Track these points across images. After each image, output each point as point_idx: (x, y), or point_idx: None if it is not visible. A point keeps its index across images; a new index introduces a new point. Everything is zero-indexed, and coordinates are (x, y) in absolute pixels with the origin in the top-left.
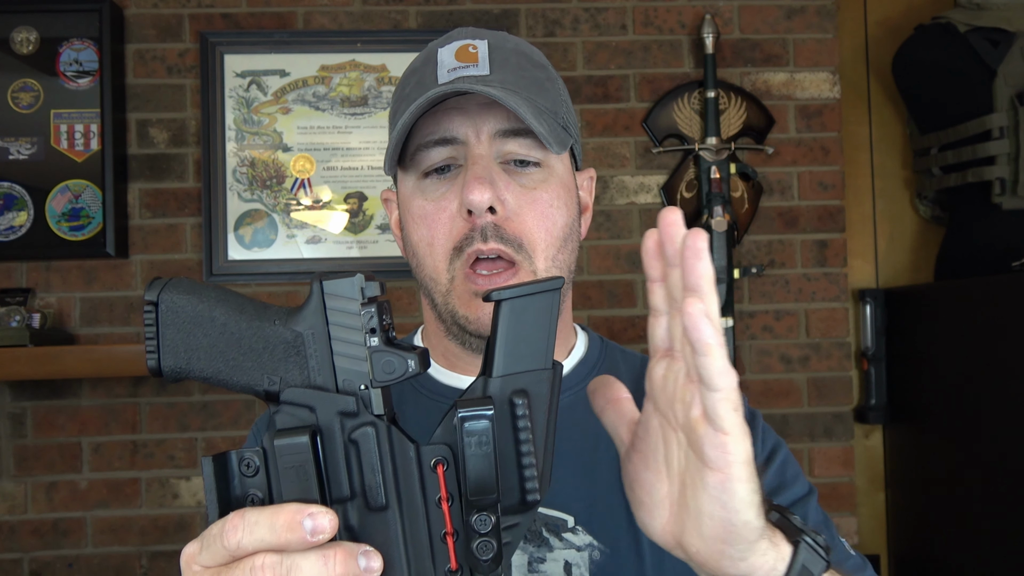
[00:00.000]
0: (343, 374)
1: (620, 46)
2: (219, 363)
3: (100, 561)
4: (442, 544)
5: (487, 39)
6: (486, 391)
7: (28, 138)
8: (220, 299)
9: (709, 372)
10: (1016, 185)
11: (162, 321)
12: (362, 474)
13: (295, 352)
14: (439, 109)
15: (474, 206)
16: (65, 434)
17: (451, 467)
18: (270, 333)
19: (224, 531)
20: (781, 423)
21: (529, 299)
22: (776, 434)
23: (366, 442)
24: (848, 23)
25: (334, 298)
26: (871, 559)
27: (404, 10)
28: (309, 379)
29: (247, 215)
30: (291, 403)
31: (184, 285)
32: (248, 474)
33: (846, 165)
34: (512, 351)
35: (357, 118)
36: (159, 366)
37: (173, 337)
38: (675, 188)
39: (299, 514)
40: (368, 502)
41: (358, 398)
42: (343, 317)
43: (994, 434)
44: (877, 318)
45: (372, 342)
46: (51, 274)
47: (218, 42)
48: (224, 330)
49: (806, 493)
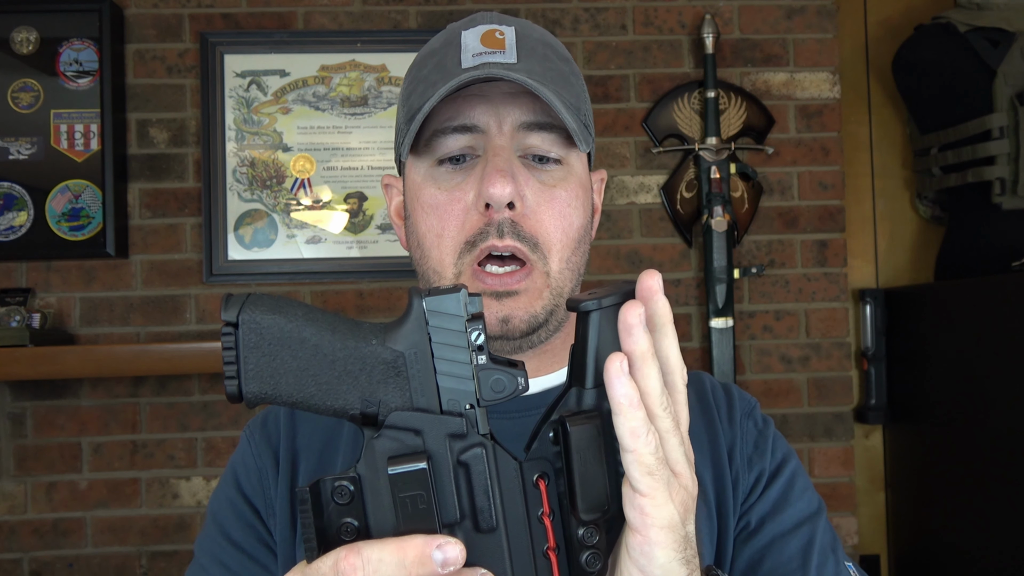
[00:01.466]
0: (447, 394)
1: (620, 46)
2: (311, 387)
3: (100, 561)
4: (544, 560)
5: (514, 26)
6: (581, 402)
7: (28, 138)
8: (308, 317)
9: (621, 431)
10: (1016, 185)
11: (244, 344)
12: (472, 496)
13: (395, 373)
14: (460, 95)
15: (494, 200)
16: (65, 434)
17: (551, 481)
18: (367, 353)
19: (340, 571)
20: (781, 423)
21: (615, 309)
22: (788, 444)
23: (478, 464)
24: (848, 23)
25: (438, 315)
26: (871, 559)
27: (404, 10)
28: (411, 401)
29: (247, 215)
30: (396, 427)
31: (266, 302)
32: (341, 502)
33: (846, 165)
34: (603, 361)
35: (357, 118)
36: (240, 392)
37: (257, 361)
38: (675, 188)
39: (428, 547)
40: (479, 524)
41: (465, 419)
42: (447, 335)
43: (994, 434)
44: (877, 318)
45: (480, 360)
46: (51, 274)
47: (218, 42)
48: (316, 352)
49: (813, 512)
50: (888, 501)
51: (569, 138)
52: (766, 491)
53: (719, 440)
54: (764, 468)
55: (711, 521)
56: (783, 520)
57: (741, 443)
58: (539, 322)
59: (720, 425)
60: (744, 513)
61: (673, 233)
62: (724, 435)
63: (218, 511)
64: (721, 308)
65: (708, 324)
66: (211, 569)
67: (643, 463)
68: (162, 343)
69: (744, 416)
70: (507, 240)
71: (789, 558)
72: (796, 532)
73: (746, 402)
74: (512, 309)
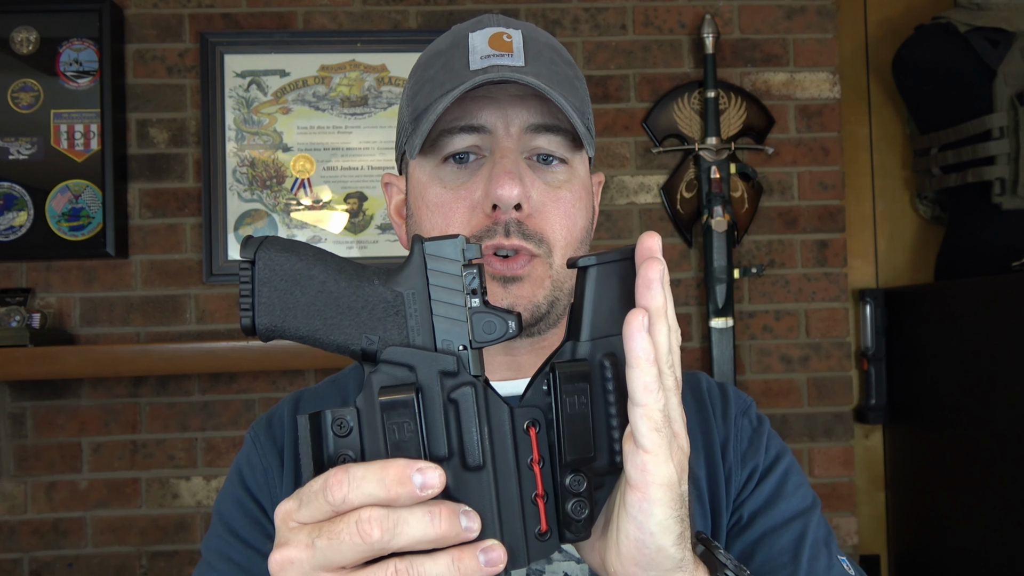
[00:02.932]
0: (442, 334)
1: (620, 46)
2: (316, 321)
3: (100, 561)
4: (533, 506)
5: (521, 29)
6: (575, 353)
7: (28, 138)
8: (318, 257)
9: (634, 385)
10: (1016, 185)
11: (259, 279)
12: (460, 433)
13: (394, 312)
14: (468, 96)
15: (502, 201)
16: (65, 434)
17: (542, 429)
18: (370, 292)
19: (328, 486)
20: (781, 423)
21: (613, 265)
22: (783, 443)
23: (465, 401)
24: (848, 23)
25: (436, 259)
26: (871, 559)
27: (404, 10)
28: (408, 339)
29: (247, 215)
30: (391, 362)
31: (281, 243)
32: (341, 434)
33: (846, 165)
34: (599, 315)
35: (357, 118)
36: (253, 324)
37: (270, 295)
38: (675, 188)
39: (409, 468)
40: (465, 461)
41: (457, 358)
42: (444, 278)
43: (994, 434)
44: (877, 318)
45: (473, 303)
46: (51, 274)
47: (218, 42)
48: (323, 288)
49: (807, 507)
50: (888, 501)
51: (574, 140)
52: (759, 487)
53: (713, 436)
54: (757, 464)
55: (705, 516)
56: (775, 515)
57: (735, 440)
58: (542, 312)
59: (715, 422)
60: (736, 508)
61: (673, 233)
62: (718, 432)
63: (224, 511)
64: (721, 308)
65: (708, 324)
66: (218, 566)
67: (652, 418)
68: (162, 343)
69: (739, 414)
70: (513, 239)
71: (780, 551)
72: (788, 526)
73: (742, 401)
74: (517, 297)
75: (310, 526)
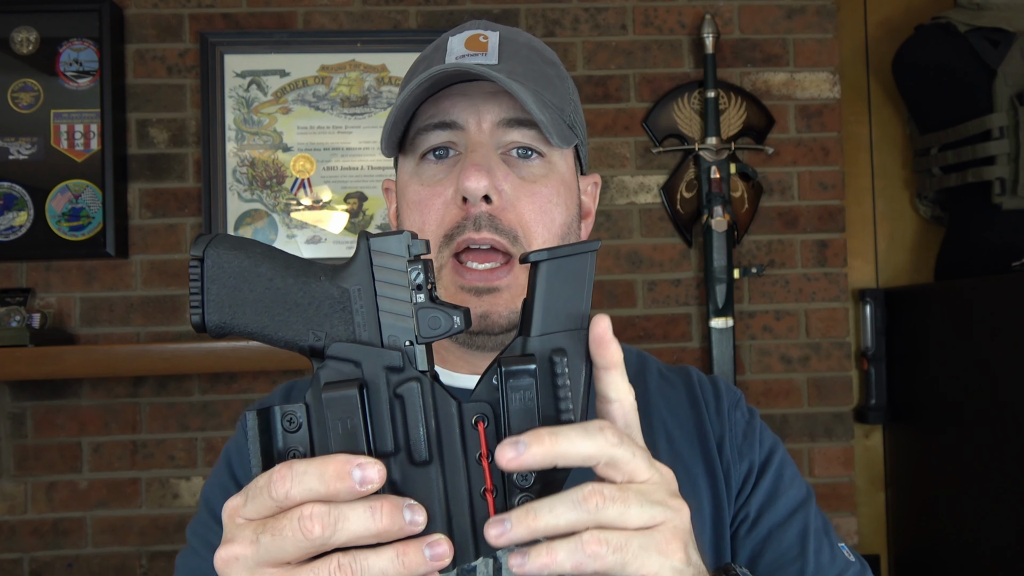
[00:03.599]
0: (388, 330)
1: (620, 46)
2: (264, 318)
3: (100, 561)
4: (482, 500)
5: (499, 31)
6: (526, 349)
7: (28, 138)
8: (266, 254)
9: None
10: (1016, 185)
11: (208, 276)
12: (406, 428)
13: (341, 308)
14: (442, 95)
15: (469, 193)
16: (65, 434)
17: (491, 424)
18: (316, 289)
19: (271, 482)
20: (781, 423)
21: (566, 260)
22: (772, 433)
23: (411, 396)
24: (848, 23)
25: (381, 255)
26: (871, 559)
27: (404, 10)
28: (355, 335)
29: (247, 215)
30: (337, 358)
31: (230, 240)
32: (291, 430)
33: (846, 165)
34: (550, 311)
35: (357, 118)
36: (203, 321)
37: (218, 292)
38: (675, 188)
39: (348, 464)
40: (412, 456)
41: (403, 353)
42: (390, 274)
43: (995, 434)
44: (877, 318)
45: (418, 299)
46: (51, 274)
47: (218, 42)
48: (270, 285)
49: (804, 498)
50: (888, 501)
51: None
52: (759, 482)
53: (708, 433)
54: (754, 460)
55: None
56: (778, 509)
57: (731, 435)
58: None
59: (708, 418)
60: (742, 505)
61: (673, 233)
62: (713, 428)
63: (211, 497)
64: (721, 308)
65: (708, 324)
66: (201, 551)
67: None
68: (162, 343)
69: (732, 407)
70: (484, 233)
71: (788, 547)
72: (791, 521)
73: (732, 393)
74: (492, 306)
75: (255, 522)
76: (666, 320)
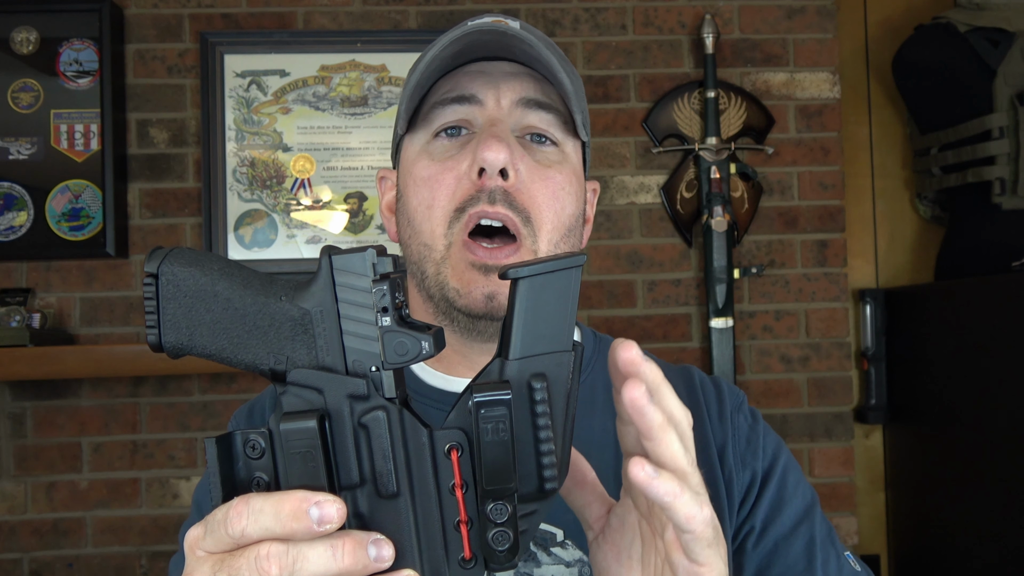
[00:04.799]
0: (353, 354)
1: (620, 46)
2: (222, 340)
3: (100, 561)
4: (456, 532)
5: (519, 22)
6: (503, 374)
7: (28, 138)
8: (224, 272)
9: (677, 520)
10: (1016, 185)
11: (163, 295)
12: (372, 460)
13: (302, 331)
14: (461, 71)
15: (488, 164)
16: (65, 434)
17: (465, 453)
18: (276, 310)
19: (228, 518)
20: (781, 423)
21: (549, 276)
22: (776, 435)
23: (377, 427)
24: (848, 23)
25: (344, 274)
26: (871, 559)
27: (404, 10)
28: (317, 359)
29: (247, 215)
30: (298, 384)
31: (185, 256)
32: (253, 456)
33: (846, 165)
34: (530, 332)
35: (357, 118)
36: (160, 341)
37: (174, 312)
38: (675, 188)
39: (305, 502)
40: (379, 489)
41: (369, 380)
42: (353, 294)
43: (994, 434)
44: (877, 318)
45: (384, 321)
46: (51, 274)
47: (218, 42)
48: (228, 305)
49: (808, 506)
50: (888, 501)
51: (566, 124)
52: (763, 492)
53: (709, 440)
54: (757, 468)
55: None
56: (784, 520)
57: (733, 441)
58: None
59: (710, 423)
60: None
61: (673, 233)
62: (715, 434)
63: (201, 499)
64: (721, 308)
65: (708, 324)
66: None
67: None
68: None
69: (734, 410)
70: (499, 207)
71: (795, 560)
72: (796, 532)
73: (735, 395)
74: (499, 285)
75: (215, 556)
76: (666, 320)
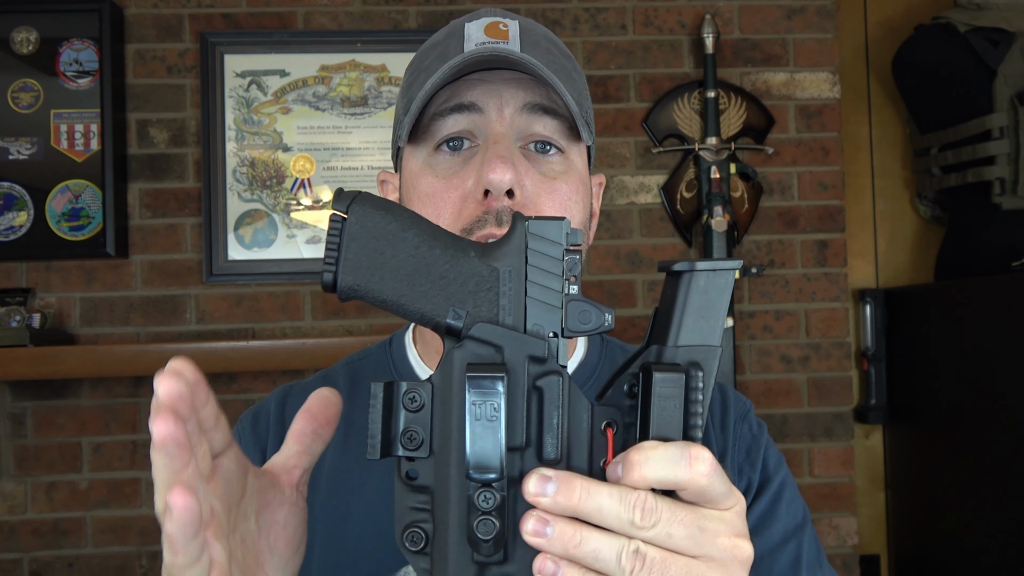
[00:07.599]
0: (533, 318)
1: (620, 46)
2: (404, 286)
3: (100, 561)
4: None
5: (518, 20)
6: (661, 358)
7: (28, 138)
8: (414, 220)
9: None
10: (1016, 185)
11: (348, 234)
12: (540, 424)
13: (487, 288)
14: (461, 82)
15: (493, 186)
16: (65, 434)
17: (619, 431)
18: (464, 264)
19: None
20: (781, 423)
21: (711, 275)
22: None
23: (551, 391)
24: (848, 23)
25: (538, 239)
26: (871, 559)
27: (404, 10)
28: (498, 318)
29: (247, 215)
30: (478, 339)
31: (375, 200)
32: (412, 409)
33: (846, 165)
34: (691, 324)
35: (357, 118)
36: (335, 281)
37: (358, 253)
38: (675, 188)
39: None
40: (542, 454)
41: (548, 344)
42: (544, 260)
43: (994, 433)
44: (877, 318)
45: (571, 290)
46: (51, 274)
47: (218, 42)
48: (416, 253)
49: (799, 523)
50: (888, 501)
51: (571, 129)
52: (754, 503)
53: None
54: (753, 478)
55: None
56: (771, 535)
57: (733, 450)
58: None
59: (712, 431)
60: None
61: (673, 233)
62: (716, 442)
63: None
64: None
65: None
66: None
67: None
68: (162, 343)
69: (738, 420)
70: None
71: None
72: (784, 548)
73: (741, 404)
74: None
75: None
76: None
